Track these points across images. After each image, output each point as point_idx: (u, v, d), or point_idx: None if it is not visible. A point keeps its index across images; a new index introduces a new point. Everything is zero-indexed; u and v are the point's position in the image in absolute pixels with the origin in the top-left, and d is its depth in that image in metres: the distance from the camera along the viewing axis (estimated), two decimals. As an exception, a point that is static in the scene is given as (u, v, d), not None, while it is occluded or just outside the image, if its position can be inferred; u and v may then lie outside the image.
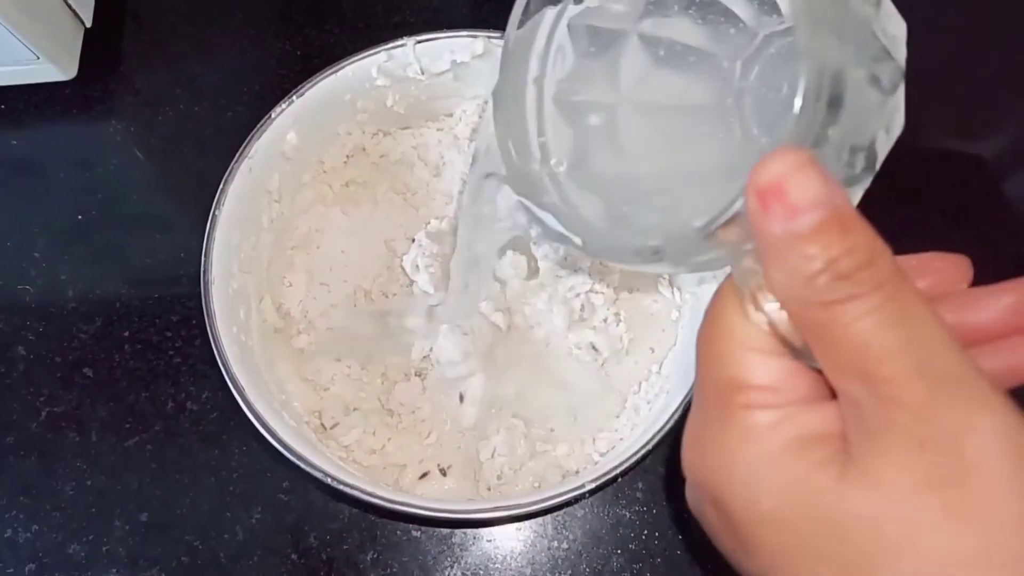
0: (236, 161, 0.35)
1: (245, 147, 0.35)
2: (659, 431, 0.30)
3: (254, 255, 0.37)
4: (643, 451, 0.30)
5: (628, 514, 0.38)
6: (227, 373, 0.32)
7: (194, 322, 0.41)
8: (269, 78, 0.47)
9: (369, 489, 0.30)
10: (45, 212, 0.43)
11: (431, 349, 0.36)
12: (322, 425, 0.36)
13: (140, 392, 0.39)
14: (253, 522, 0.37)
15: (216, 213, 0.34)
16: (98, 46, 0.46)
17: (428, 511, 0.30)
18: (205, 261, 0.33)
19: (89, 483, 0.38)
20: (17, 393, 0.39)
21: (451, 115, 0.42)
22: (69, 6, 0.43)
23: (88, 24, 0.45)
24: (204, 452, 0.38)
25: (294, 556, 0.37)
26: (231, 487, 0.38)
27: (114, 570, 0.36)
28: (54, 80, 0.44)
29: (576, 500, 0.32)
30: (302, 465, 0.31)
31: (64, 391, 0.39)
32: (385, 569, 0.37)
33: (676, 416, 0.31)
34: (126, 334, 0.41)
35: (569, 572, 0.37)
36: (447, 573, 0.37)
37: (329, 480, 0.30)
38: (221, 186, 0.35)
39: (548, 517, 0.37)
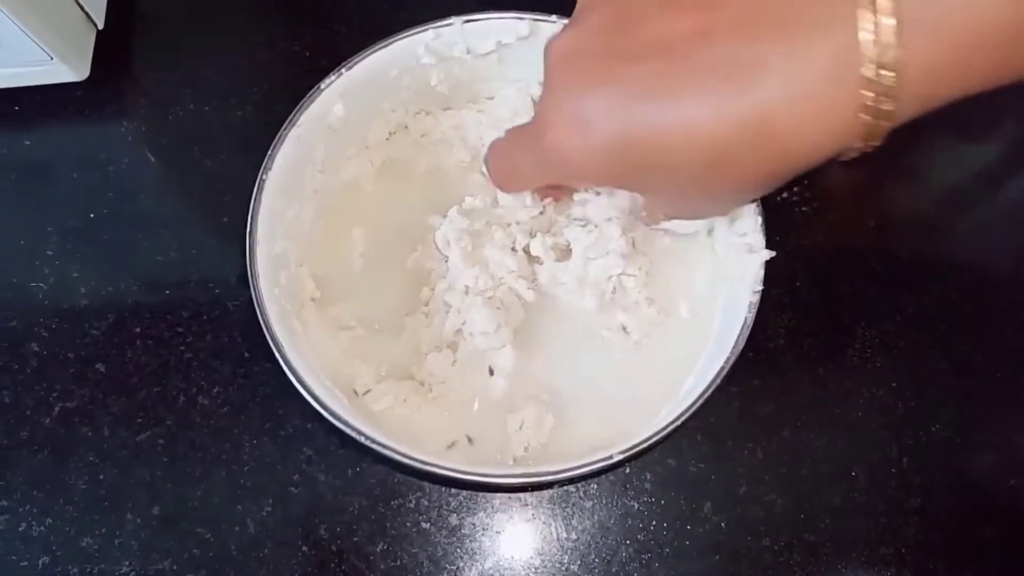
0: (285, 128, 0.36)
1: (294, 115, 0.36)
2: (688, 409, 0.30)
3: (296, 223, 0.37)
4: (673, 426, 0.30)
5: (637, 505, 0.38)
6: (267, 331, 0.32)
7: (204, 318, 0.41)
8: (277, 78, 0.47)
9: (401, 449, 0.30)
10: (57, 211, 0.44)
11: (463, 323, 0.36)
12: (354, 391, 0.36)
13: (151, 387, 0.40)
14: (264, 514, 0.38)
15: (264, 178, 0.34)
16: (109, 48, 0.47)
17: (458, 474, 0.30)
18: (251, 223, 0.34)
19: (101, 477, 0.38)
20: (31, 389, 0.40)
21: (492, 98, 0.42)
22: (82, 8, 0.44)
23: (100, 26, 0.46)
24: (215, 446, 0.39)
25: (304, 548, 0.37)
26: (242, 480, 0.38)
27: (127, 562, 0.37)
28: (67, 81, 0.44)
29: (604, 471, 0.32)
30: (336, 423, 0.31)
31: (76, 387, 0.40)
32: (395, 560, 0.37)
33: (706, 395, 0.31)
34: (137, 330, 0.41)
35: (578, 562, 0.37)
36: (457, 564, 0.37)
37: (363, 439, 0.30)
38: (269, 152, 0.35)
39: (557, 508, 0.38)
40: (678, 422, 0.30)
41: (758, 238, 0.34)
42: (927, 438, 0.40)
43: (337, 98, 0.37)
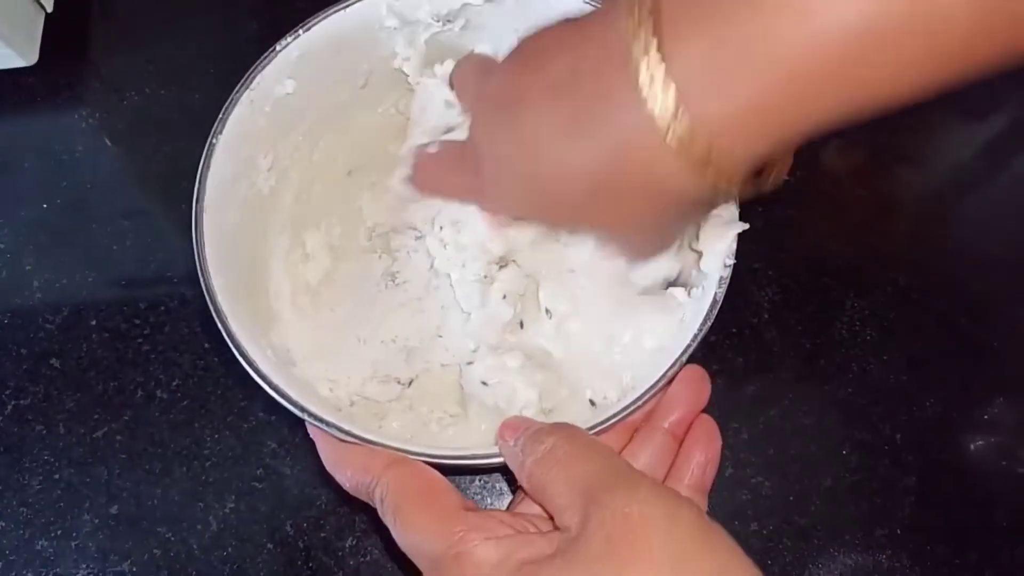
0: (238, 91, 0.33)
1: (247, 78, 0.34)
2: (644, 394, 0.28)
3: (252, 192, 0.35)
4: (631, 409, 0.28)
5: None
6: (210, 299, 0.29)
7: (162, 309, 0.40)
8: (238, 59, 0.44)
9: (346, 428, 0.27)
10: (9, 202, 0.42)
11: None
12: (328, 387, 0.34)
13: (108, 381, 0.38)
14: (227, 511, 0.36)
15: (213, 142, 0.32)
16: (62, 32, 0.45)
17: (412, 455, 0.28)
18: (199, 188, 0.31)
19: (57, 476, 0.37)
20: (-18, 387, 0.38)
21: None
22: (27, -10, 0.42)
23: (49, 9, 0.44)
24: (175, 441, 0.37)
25: (270, 546, 0.36)
26: (203, 476, 0.37)
27: (84, 565, 0.35)
28: (15, 66, 0.43)
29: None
30: (276, 396, 0.28)
31: (30, 383, 0.38)
32: (365, 556, 0.35)
33: (668, 376, 0.29)
34: (93, 323, 0.39)
35: (556, 553, 0.35)
36: (429, 558, 0.35)
37: (303, 414, 0.28)
38: (220, 115, 0.33)
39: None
40: (637, 404, 0.28)
41: (731, 209, 0.32)
42: (922, 414, 0.38)
43: (294, 62, 0.35)
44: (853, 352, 0.39)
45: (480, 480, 0.37)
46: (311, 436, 0.29)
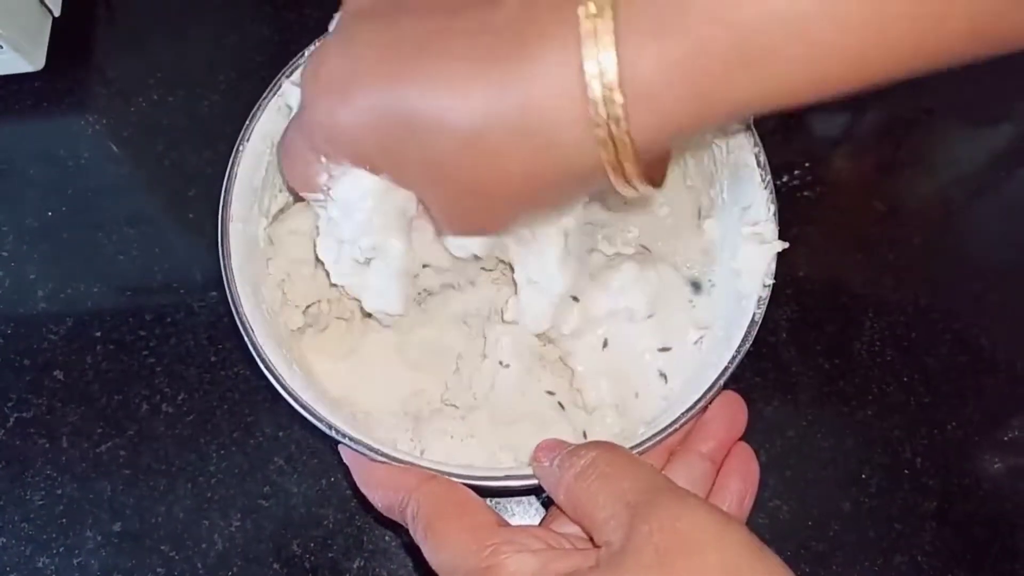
0: (265, 97, 0.32)
1: (276, 84, 0.32)
2: (683, 415, 0.28)
3: (279, 201, 0.34)
4: (668, 432, 0.27)
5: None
6: (237, 312, 0.28)
7: (168, 320, 0.39)
8: (246, 65, 0.45)
9: (376, 447, 0.26)
10: (13, 209, 0.41)
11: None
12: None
13: (112, 395, 0.38)
14: (232, 530, 0.35)
15: (240, 149, 0.31)
16: (68, 36, 0.44)
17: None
18: (225, 197, 0.30)
19: (59, 492, 0.36)
20: (-16, 399, 0.37)
21: None
22: (35, -6, 0.41)
23: (56, 13, 0.43)
24: (180, 457, 0.36)
25: (276, 565, 0.35)
26: (209, 493, 0.36)
27: (86, 583, 0.35)
28: (21, 71, 0.42)
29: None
30: (306, 414, 0.27)
31: (33, 395, 0.38)
32: (372, 577, 0.35)
33: (709, 397, 0.28)
34: (98, 334, 0.39)
35: None
36: (439, 580, 0.35)
37: (333, 432, 0.27)
38: (247, 123, 0.32)
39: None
40: (675, 426, 0.27)
41: (771, 228, 0.31)
42: (943, 437, 0.37)
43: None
44: (873, 373, 0.38)
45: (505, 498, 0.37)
46: (342, 455, 0.29)
